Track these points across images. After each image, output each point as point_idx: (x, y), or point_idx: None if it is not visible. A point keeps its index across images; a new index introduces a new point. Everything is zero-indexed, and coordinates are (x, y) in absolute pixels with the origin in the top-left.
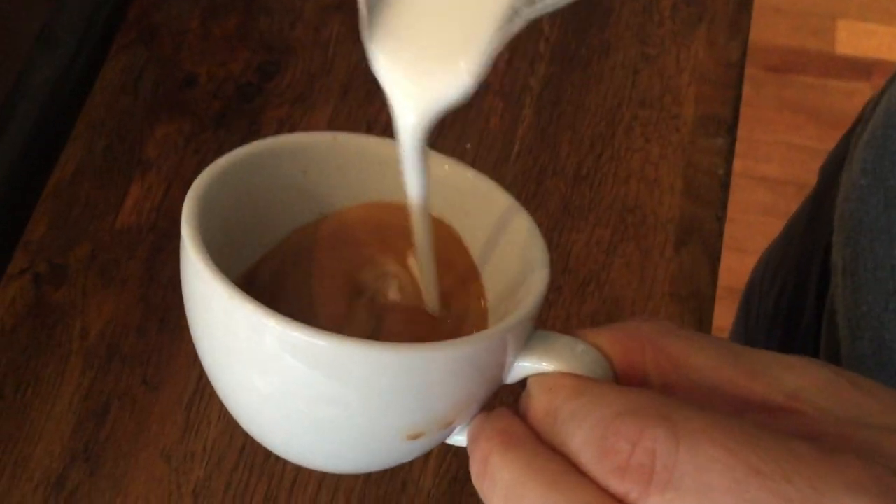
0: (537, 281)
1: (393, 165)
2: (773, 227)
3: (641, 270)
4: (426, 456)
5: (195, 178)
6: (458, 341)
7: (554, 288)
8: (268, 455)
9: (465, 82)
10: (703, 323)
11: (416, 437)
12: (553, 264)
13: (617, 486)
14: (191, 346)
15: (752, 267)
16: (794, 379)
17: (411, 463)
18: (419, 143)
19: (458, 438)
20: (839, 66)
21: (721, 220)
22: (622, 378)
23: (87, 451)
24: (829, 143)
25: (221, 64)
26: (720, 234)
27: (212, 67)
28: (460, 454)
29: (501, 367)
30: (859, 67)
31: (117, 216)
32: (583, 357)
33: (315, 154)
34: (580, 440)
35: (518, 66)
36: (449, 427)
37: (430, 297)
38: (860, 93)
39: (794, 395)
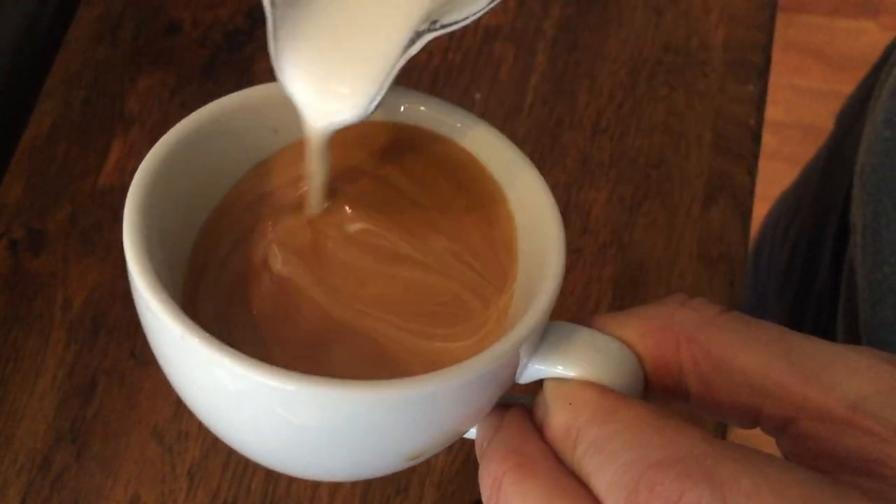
0: (551, 268)
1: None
2: (778, 173)
3: (667, 230)
4: None
5: None
6: (459, 368)
7: (573, 250)
8: None
9: (364, 107)
10: (733, 287)
11: (416, 457)
12: (571, 224)
13: None
14: None
15: (758, 215)
16: (857, 384)
17: None
18: (322, 147)
19: (470, 432)
20: (846, 5)
21: (753, 174)
22: (653, 379)
23: (73, 430)
24: (835, 85)
25: (208, 8)
26: (752, 191)
27: (197, 12)
28: None
29: (513, 374)
30: (867, 6)
31: (98, 176)
32: (607, 358)
33: (287, 108)
34: (606, 482)
35: (530, 8)
36: (453, 440)
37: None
38: (867, 33)
39: (856, 405)
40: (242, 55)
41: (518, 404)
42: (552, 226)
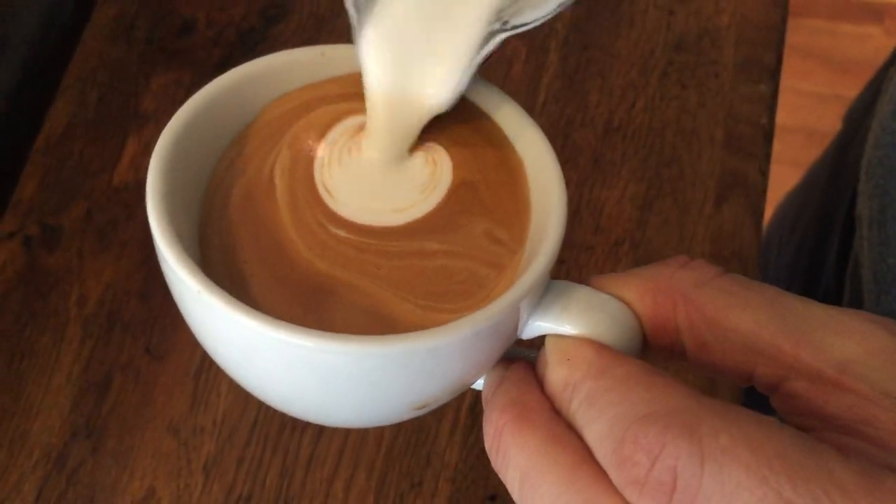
0: (552, 228)
1: None
2: (782, 176)
3: (679, 229)
4: (452, 429)
5: None
6: (460, 323)
7: (585, 248)
8: (282, 429)
9: (447, 101)
10: None
11: (423, 407)
12: (584, 223)
13: (635, 498)
14: None
15: (765, 217)
16: (847, 346)
17: (436, 436)
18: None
19: (478, 383)
20: (851, 10)
21: (765, 173)
22: (651, 337)
23: (88, 425)
24: (840, 89)
25: (221, 8)
26: (764, 190)
27: (211, 12)
28: None
29: (515, 329)
30: (871, 11)
31: (113, 173)
32: (606, 317)
33: (302, 73)
34: (597, 434)
35: None
36: (460, 391)
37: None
38: (872, 37)
39: (844, 367)
40: (256, 54)
41: (522, 358)
42: (555, 184)
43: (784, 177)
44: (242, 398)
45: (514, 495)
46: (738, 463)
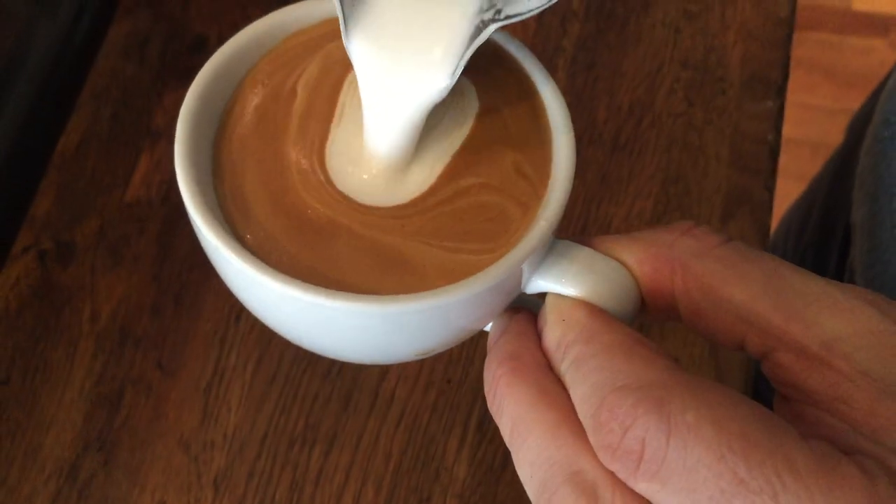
0: (557, 189)
1: None
2: (788, 189)
3: None
4: (460, 443)
5: None
6: (460, 286)
7: None
8: (292, 443)
9: (442, 89)
10: None
11: (427, 353)
12: (591, 236)
13: (607, 461)
14: (208, 327)
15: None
16: (836, 324)
17: (444, 451)
18: (411, 133)
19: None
20: (855, 23)
21: (771, 190)
22: (648, 300)
23: (100, 439)
24: (845, 102)
25: (233, 25)
26: (770, 206)
27: (223, 29)
28: (495, 441)
29: (518, 286)
30: (876, 24)
31: (126, 189)
32: (604, 279)
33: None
34: (580, 396)
35: (549, 26)
36: (464, 340)
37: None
38: (876, 50)
39: (830, 345)
40: None
41: (528, 307)
42: (565, 140)
43: (789, 190)
44: (252, 413)
45: (505, 439)
46: (700, 440)
